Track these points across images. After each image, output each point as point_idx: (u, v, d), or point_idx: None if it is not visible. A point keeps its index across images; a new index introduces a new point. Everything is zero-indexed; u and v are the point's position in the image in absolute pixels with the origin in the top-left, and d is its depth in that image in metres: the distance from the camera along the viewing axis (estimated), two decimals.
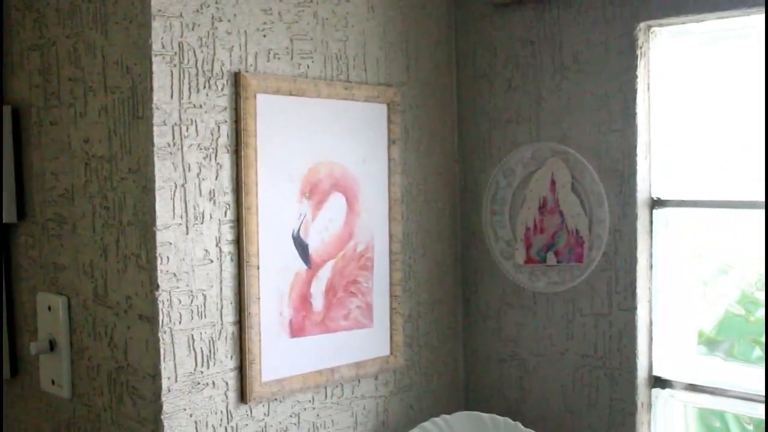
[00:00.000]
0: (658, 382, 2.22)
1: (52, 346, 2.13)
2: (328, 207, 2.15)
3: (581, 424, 2.29)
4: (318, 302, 2.14)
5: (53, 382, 2.14)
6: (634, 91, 2.15)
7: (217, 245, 1.95)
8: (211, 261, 1.94)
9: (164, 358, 1.87)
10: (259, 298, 2.00)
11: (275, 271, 2.04)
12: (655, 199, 2.20)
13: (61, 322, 2.10)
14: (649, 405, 2.22)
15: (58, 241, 2.12)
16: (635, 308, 2.18)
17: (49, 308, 2.14)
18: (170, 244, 1.87)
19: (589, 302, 2.26)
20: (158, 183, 1.85)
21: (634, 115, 2.16)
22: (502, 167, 2.39)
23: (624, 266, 2.19)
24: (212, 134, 1.93)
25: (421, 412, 2.43)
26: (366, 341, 2.26)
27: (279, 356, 2.05)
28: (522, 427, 2.22)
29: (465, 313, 2.55)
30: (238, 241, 1.98)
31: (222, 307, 1.96)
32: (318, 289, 2.14)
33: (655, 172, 2.20)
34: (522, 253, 2.36)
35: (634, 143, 2.16)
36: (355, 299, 2.23)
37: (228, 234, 1.97)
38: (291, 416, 2.11)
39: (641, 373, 2.20)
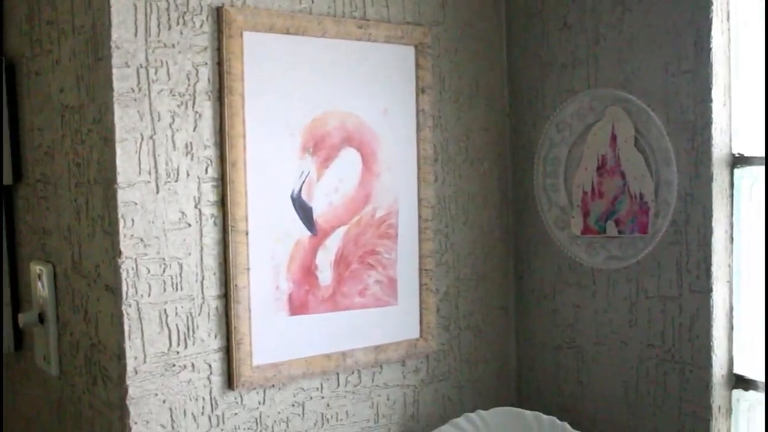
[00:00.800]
0: (740, 382, 1.80)
1: (42, 318, 1.93)
2: (337, 165, 1.85)
3: (645, 428, 1.90)
4: (326, 275, 1.85)
5: (44, 359, 1.95)
6: (708, 23, 1.74)
7: (196, 206, 1.69)
8: (189, 225, 1.68)
9: (129, 335, 1.62)
10: (248, 269, 1.72)
11: (270, 238, 1.76)
12: (736, 155, 1.77)
13: (48, 293, 1.90)
14: (729, 410, 1.80)
15: (45, 203, 1.92)
16: (710, 290, 1.77)
17: (39, 277, 1.94)
18: (135, 204, 1.62)
19: (655, 282, 1.86)
20: (119, 134, 1.60)
21: (708, 52, 1.74)
22: (556, 120, 2.01)
23: (697, 238, 1.78)
24: (188, 78, 1.67)
25: (462, 406, 2.10)
26: (388, 322, 1.95)
27: (275, 337, 1.77)
28: (570, 428, 1.86)
29: (518, 291, 2.19)
30: (223, 203, 1.71)
31: (203, 279, 1.70)
32: (325, 259, 1.84)
33: (735, 122, 1.77)
34: (579, 221, 1.98)
35: (708, 87, 1.75)
36: (374, 273, 1.92)
37: (210, 194, 1.70)
38: (293, 406, 1.83)
39: (718, 371, 1.79)
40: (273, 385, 1.79)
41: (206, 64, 1.68)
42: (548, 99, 2.06)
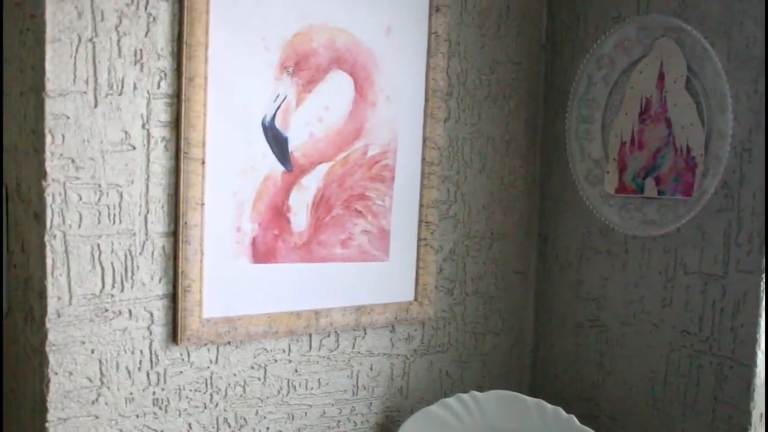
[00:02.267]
0: None
1: None
2: (323, 90, 1.56)
3: (671, 430, 1.58)
4: (300, 219, 1.57)
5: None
6: None
7: (143, 126, 1.43)
8: (133, 147, 1.42)
9: (52, 271, 1.38)
10: (202, 204, 1.46)
11: (232, 171, 1.49)
12: None
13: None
14: None
15: (3, 116, 1.69)
16: (763, 270, 1.43)
17: None
18: (67, 118, 1.36)
19: (697, 255, 1.53)
20: (51, 33, 1.34)
21: None
22: (596, 54, 1.68)
23: (751, 205, 1.44)
24: None
25: (463, 384, 1.81)
26: (375, 280, 1.67)
27: (232, 286, 1.51)
28: (577, 422, 1.55)
29: (540, 255, 1.88)
30: (177, 124, 1.44)
31: (147, 212, 1.44)
32: (301, 201, 1.56)
33: None
34: (614, 177, 1.65)
35: None
36: (362, 221, 1.63)
37: (161, 113, 1.44)
38: (253, 368, 1.57)
39: (763, 370, 1.45)
40: (229, 343, 1.53)
41: None
42: (590, 27, 1.73)
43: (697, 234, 1.52)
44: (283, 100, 1.52)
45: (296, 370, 1.62)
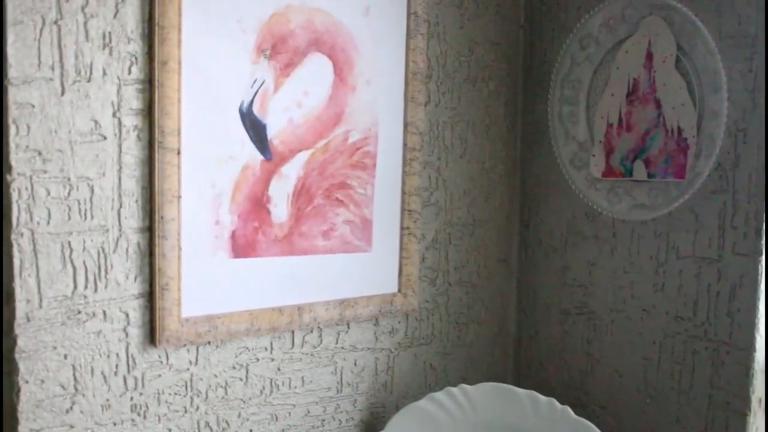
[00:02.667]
0: None
1: None
2: (302, 73, 1.48)
3: (666, 417, 1.55)
4: (281, 210, 1.49)
5: None
6: None
7: (114, 115, 1.33)
8: (104, 137, 1.32)
9: (20, 273, 1.28)
10: (179, 197, 1.37)
11: (210, 160, 1.40)
12: None
13: None
14: None
15: None
16: (760, 252, 1.40)
17: None
18: (32, 107, 1.26)
19: (690, 239, 1.50)
20: (13, 15, 1.23)
21: None
22: (579, 33, 1.63)
23: (747, 187, 1.41)
24: None
25: (447, 376, 1.76)
26: (359, 272, 1.60)
27: (211, 283, 1.43)
28: (572, 413, 1.51)
29: (522, 242, 1.83)
30: (150, 112, 1.35)
31: (120, 206, 1.35)
32: (281, 191, 1.49)
33: None
34: (600, 161, 1.61)
35: None
36: (344, 210, 1.56)
37: (133, 100, 1.34)
38: (235, 368, 1.49)
39: (761, 354, 1.43)
40: (209, 342, 1.45)
41: None
42: (572, 7, 1.68)
43: (691, 217, 1.49)
44: (261, 84, 1.44)
45: (279, 369, 1.54)
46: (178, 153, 1.36)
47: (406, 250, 1.64)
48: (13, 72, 1.24)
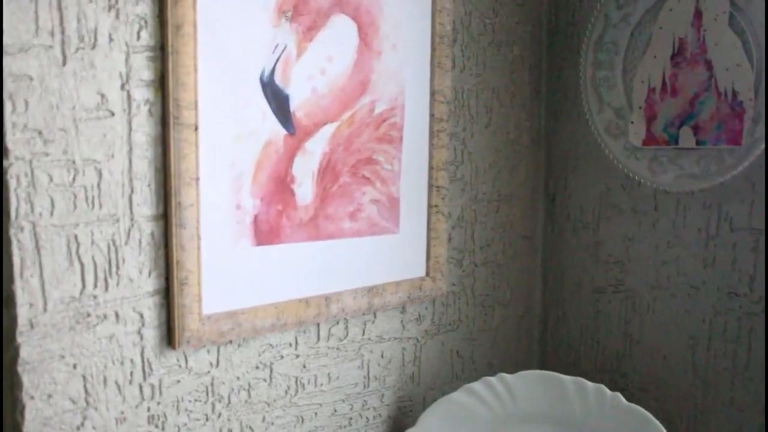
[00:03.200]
0: None
1: None
2: (325, 37, 1.32)
3: (717, 404, 1.45)
4: (306, 191, 1.34)
5: None
6: None
7: (122, 87, 1.15)
8: (111, 113, 1.15)
9: (21, 272, 1.10)
10: (197, 179, 1.20)
11: (227, 137, 1.24)
12: None
13: None
14: None
15: None
16: None
17: None
18: (30, 80, 1.08)
19: (746, 209, 1.40)
20: None
21: None
22: None
23: None
24: None
25: (474, 363, 1.63)
26: (387, 255, 1.46)
27: (234, 275, 1.27)
28: (624, 400, 1.40)
29: (548, 217, 1.71)
30: (163, 83, 1.18)
31: (132, 192, 1.18)
32: (306, 169, 1.33)
33: None
34: (640, 128, 1.49)
35: None
36: (370, 189, 1.42)
37: (143, 70, 1.17)
38: (258, 368, 1.34)
39: None
40: (230, 341, 1.30)
41: None
42: None
43: (747, 186, 1.39)
44: (283, 50, 1.27)
45: (304, 366, 1.39)
46: (196, 129, 1.19)
47: (435, 230, 1.51)
48: (7, 39, 1.05)
